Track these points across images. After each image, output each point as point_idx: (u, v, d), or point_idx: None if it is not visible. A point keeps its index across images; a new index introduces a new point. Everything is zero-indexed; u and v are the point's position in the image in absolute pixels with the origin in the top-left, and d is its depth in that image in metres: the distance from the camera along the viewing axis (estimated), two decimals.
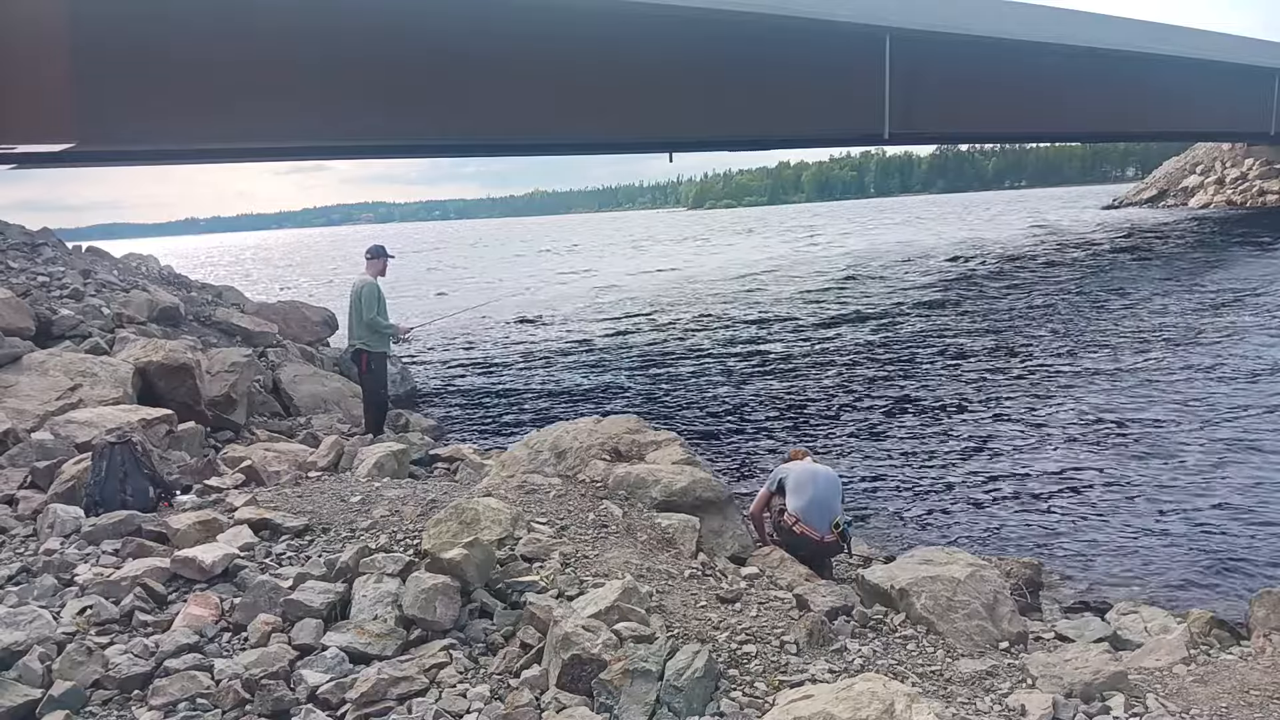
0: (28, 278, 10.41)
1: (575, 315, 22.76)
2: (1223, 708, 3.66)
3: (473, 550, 4.06)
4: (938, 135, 36.90)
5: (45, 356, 8.23)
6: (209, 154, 19.06)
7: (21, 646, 3.49)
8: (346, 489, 5.61)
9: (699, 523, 5.36)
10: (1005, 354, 14.37)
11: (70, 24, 12.31)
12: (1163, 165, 61.92)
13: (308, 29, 14.16)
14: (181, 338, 10.22)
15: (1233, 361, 12.66)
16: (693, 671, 3.41)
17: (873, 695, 3.14)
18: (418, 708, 3.33)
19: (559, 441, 6.30)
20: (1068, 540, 6.96)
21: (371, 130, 15.98)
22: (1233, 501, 7.52)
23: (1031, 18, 25.31)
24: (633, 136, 20.16)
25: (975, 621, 4.49)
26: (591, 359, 16.28)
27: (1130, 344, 14.45)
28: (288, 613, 3.85)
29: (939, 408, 11.22)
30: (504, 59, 16.14)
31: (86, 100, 12.62)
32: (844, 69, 21.53)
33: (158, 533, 4.70)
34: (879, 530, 7.38)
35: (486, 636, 3.89)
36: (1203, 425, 9.71)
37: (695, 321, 20.37)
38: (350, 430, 9.36)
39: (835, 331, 17.74)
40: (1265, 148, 47.16)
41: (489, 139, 18.33)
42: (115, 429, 6.28)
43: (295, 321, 13.84)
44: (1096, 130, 37.35)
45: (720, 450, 9.86)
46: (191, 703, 3.32)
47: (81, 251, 13.43)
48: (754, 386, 13.15)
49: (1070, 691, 3.76)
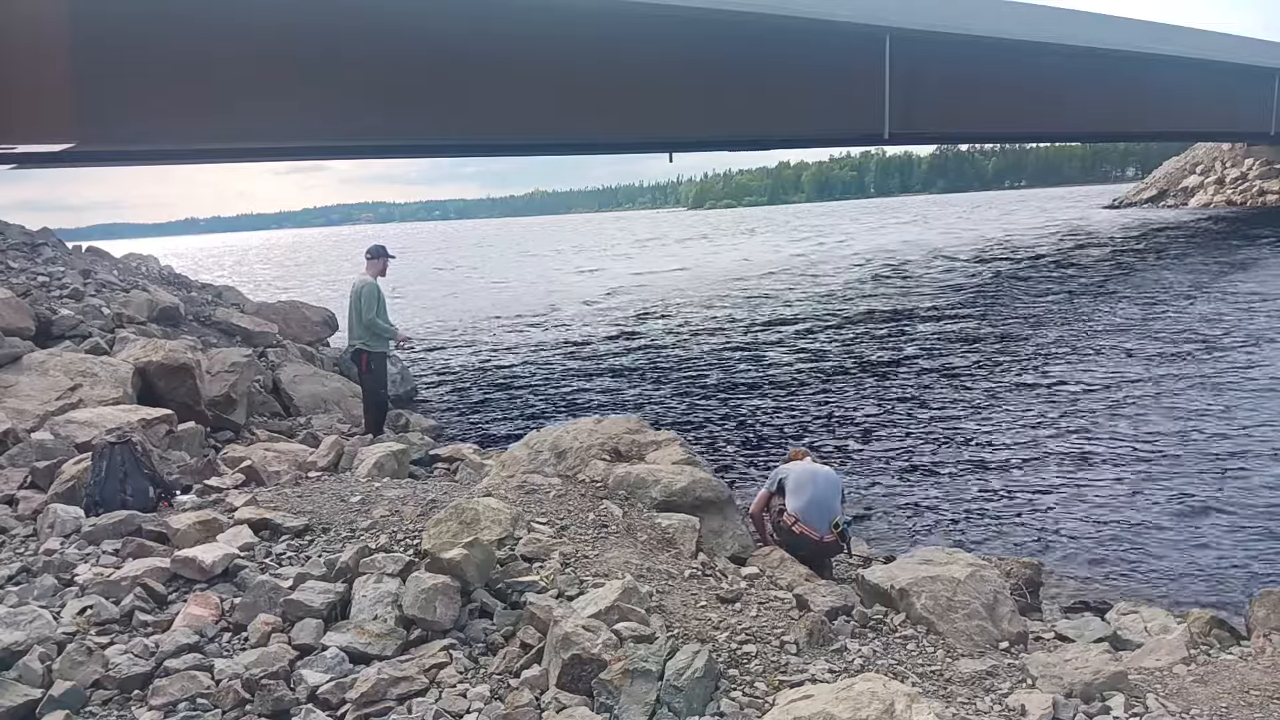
0: (28, 278, 10.41)
1: (576, 315, 22.76)
2: (1223, 708, 3.66)
3: (473, 550, 4.06)
4: (938, 135, 36.91)
5: (45, 356, 8.23)
6: (209, 154, 19.06)
7: (21, 646, 3.49)
8: (346, 489, 5.61)
9: (699, 523, 5.36)
10: (1006, 354, 14.36)
11: (70, 24, 12.31)
12: (1163, 165, 61.97)
13: (308, 29, 14.16)
14: (181, 338, 10.22)
15: (1235, 363, 12.66)
16: (693, 671, 3.41)
17: (873, 695, 3.14)
18: (418, 708, 3.33)
19: (559, 441, 6.30)
20: (1068, 540, 6.95)
21: (371, 130, 15.98)
22: (1233, 501, 7.52)
23: (1031, 18, 25.32)
24: (633, 136, 20.17)
25: (975, 621, 4.49)
26: (592, 359, 16.28)
27: (1131, 345, 14.45)
28: (288, 613, 3.85)
29: (940, 408, 11.22)
30: (504, 59, 16.14)
31: (86, 100, 12.62)
32: (844, 69, 21.53)
33: (158, 533, 4.70)
34: (879, 530, 7.38)
35: (486, 636, 3.89)
36: (1203, 425, 9.71)
37: (696, 322, 20.37)
38: (350, 430, 9.36)
39: (836, 331, 17.74)
40: (1265, 148, 47.20)
41: (489, 139, 18.33)
42: (115, 429, 6.28)
43: (295, 321, 13.84)
44: (1096, 130, 37.38)
45: (720, 450, 9.87)
46: (191, 703, 3.32)
47: (81, 251, 13.43)
48: (754, 386, 13.15)
49: (1070, 691, 3.75)
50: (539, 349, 17.66)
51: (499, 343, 18.79)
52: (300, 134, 15.43)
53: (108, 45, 12.70)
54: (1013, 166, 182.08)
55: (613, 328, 20.05)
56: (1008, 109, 27.13)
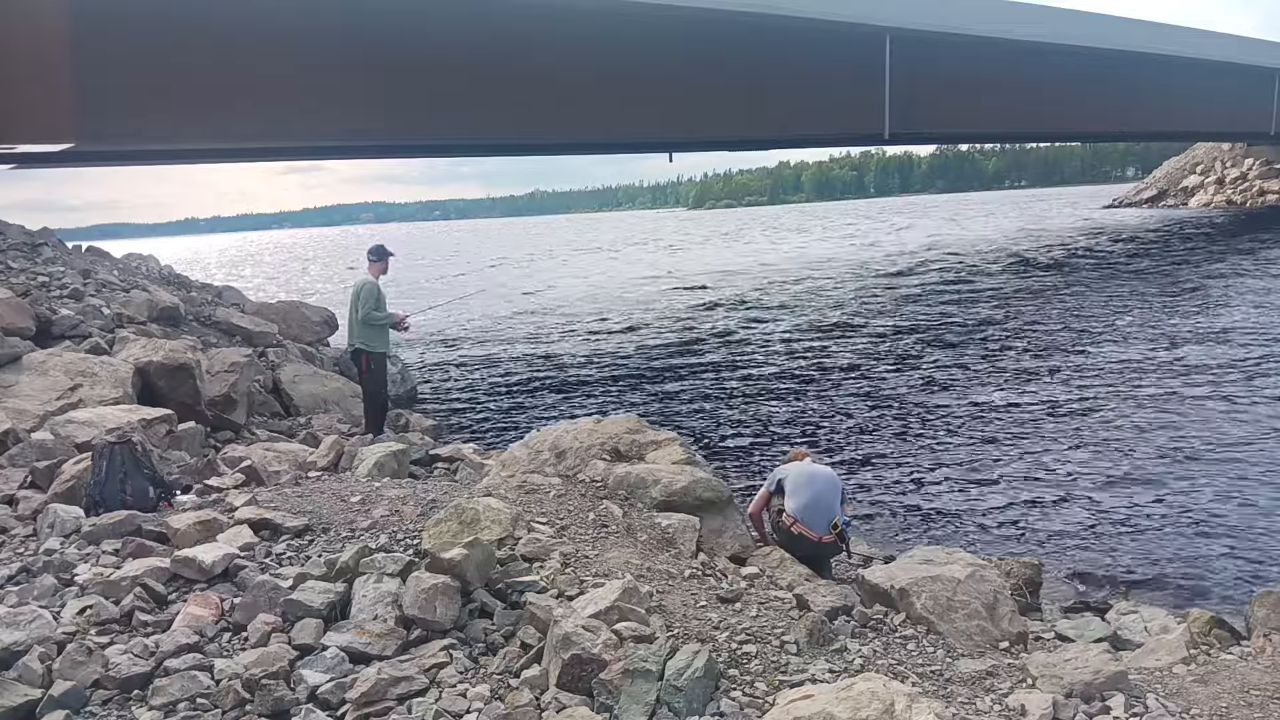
0: (28, 278, 10.42)
1: (577, 315, 22.76)
2: (1223, 708, 3.66)
3: (473, 550, 4.05)
4: (938, 135, 36.92)
5: (45, 356, 8.23)
6: (209, 154, 19.07)
7: (21, 646, 3.49)
8: (346, 489, 5.61)
9: (699, 523, 5.36)
10: (1007, 354, 14.36)
11: (70, 24, 12.31)
12: (1163, 165, 61.95)
13: (308, 29, 14.16)
14: (181, 338, 10.22)
15: (1236, 363, 12.66)
16: (693, 671, 3.40)
17: (873, 695, 3.14)
18: (418, 708, 3.33)
19: (559, 441, 6.29)
20: (1068, 540, 6.95)
21: (371, 130, 15.98)
22: (1233, 501, 7.52)
23: (1031, 18, 25.32)
24: (633, 136, 20.16)
25: (975, 621, 4.49)
26: (592, 359, 16.28)
27: (1132, 345, 14.45)
28: (288, 612, 3.85)
29: (940, 407, 11.22)
30: (504, 59, 16.14)
31: (86, 100, 12.62)
32: (844, 69, 21.53)
33: (158, 533, 4.70)
34: (879, 530, 7.39)
35: (486, 636, 3.88)
36: (1203, 425, 9.71)
37: (697, 322, 20.38)
38: (350, 430, 9.36)
39: (836, 332, 17.73)
40: (1265, 148, 47.21)
41: (489, 139, 18.33)
42: (115, 429, 6.28)
43: (295, 321, 13.84)
44: (1096, 130, 37.37)
45: (720, 450, 9.86)
46: (191, 703, 3.32)
47: (81, 251, 13.44)
48: (754, 386, 13.15)
49: (1070, 691, 3.75)
50: (540, 349, 17.66)
51: (500, 342, 18.78)
52: (300, 134, 15.42)
53: (108, 45, 12.71)
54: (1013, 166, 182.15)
55: (615, 328, 20.03)
56: (1008, 109, 27.13)
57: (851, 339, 16.78)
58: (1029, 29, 25.01)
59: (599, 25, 17.01)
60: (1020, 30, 24.72)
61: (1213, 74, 33.28)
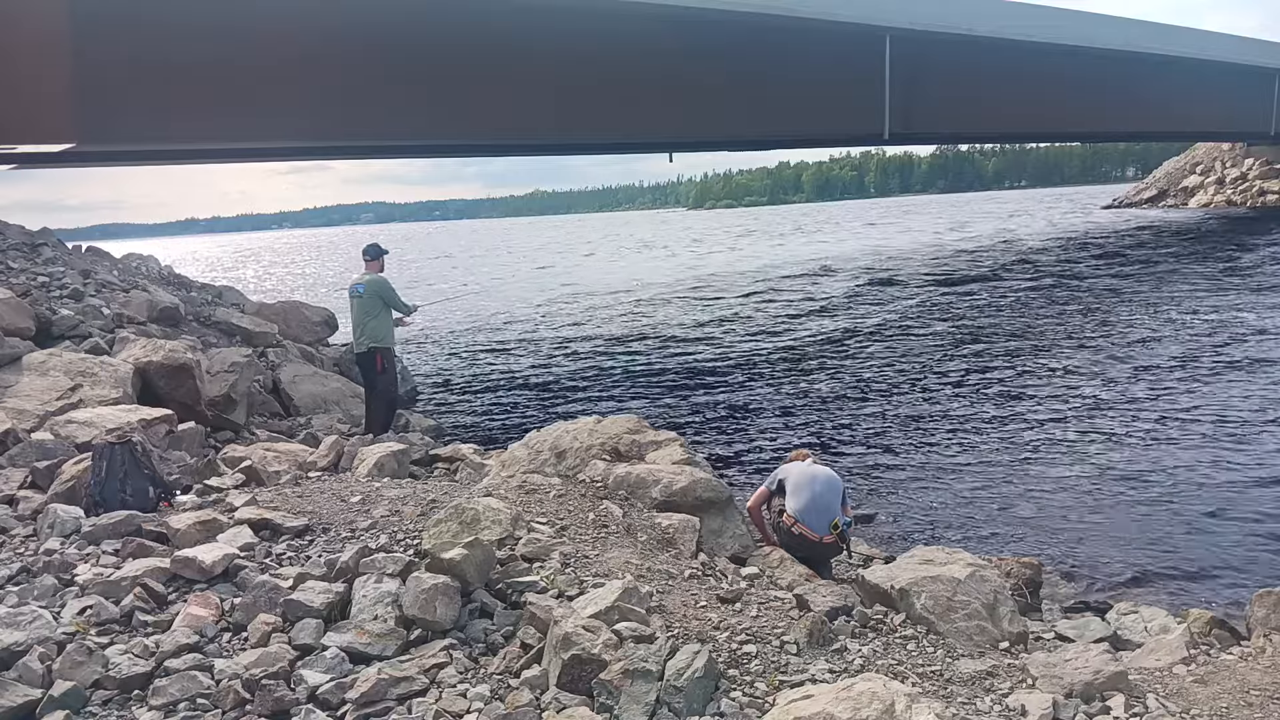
0: (28, 278, 10.41)
1: (578, 316, 22.75)
2: (1223, 708, 3.66)
3: (473, 550, 4.05)
4: (938, 135, 36.87)
5: (45, 356, 8.22)
6: (209, 154, 19.05)
7: (21, 646, 3.49)
8: (346, 489, 5.61)
9: (699, 523, 5.36)
10: (1008, 354, 14.37)
11: (71, 24, 12.30)
12: (1163, 165, 61.90)
13: (308, 29, 14.16)
14: (181, 338, 10.22)
15: (1236, 363, 12.66)
16: (693, 671, 3.40)
17: (873, 695, 3.14)
18: (418, 708, 3.33)
19: (559, 441, 6.29)
20: (1068, 540, 6.95)
21: (371, 130, 15.98)
22: (1233, 501, 7.52)
23: (1032, 18, 25.31)
24: (633, 136, 20.15)
25: (975, 621, 4.48)
26: (593, 359, 16.28)
27: (1133, 345, 14.45)
28: (288, 613, 3.85)
29: (940, 408, 11.22)
30: (504, 59, 16.14)
31: (86, 100, 12.62)
32: (844, 69, 21.52)
33: (158, 533, 4.69)
34: (879, 530, 7.39)
35: (486, 636, 3.88)
36: (1203, 425, 9.71)
37: (697, 322, 20.37)
38: (350, 430, 9.36)
39: (836, 332, 17.73)
40: (1265, 148, 47.17)
41: (489, 139, 18.32)
42: (115, 429, 6.27)
43: (295, 321, 13.84)
44: (1096, 130, 37.34)
45: (720, 450, 9.86)
46: (191, 703, 3.32)
47: (81, 251, 13.43)
48: (755, 386, 13.15)
49: (1070, 691, 3.75)
50: (540, 349, 17.66)
51: (500, 342, 18.78)
52: (300, 134, 15.42)
53: (108, 45, 12.70)
54: (1013, 166, 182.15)
55: (614, 327, 20.03)
56: (1008, 109, 27.12)
57: (853, 340, 16.78)
58: (1029, 29, 25.00)
59: (599, 25, 17.01)
60: (1021, 30, 24.72)
61: (1213, 74, 33.28)
